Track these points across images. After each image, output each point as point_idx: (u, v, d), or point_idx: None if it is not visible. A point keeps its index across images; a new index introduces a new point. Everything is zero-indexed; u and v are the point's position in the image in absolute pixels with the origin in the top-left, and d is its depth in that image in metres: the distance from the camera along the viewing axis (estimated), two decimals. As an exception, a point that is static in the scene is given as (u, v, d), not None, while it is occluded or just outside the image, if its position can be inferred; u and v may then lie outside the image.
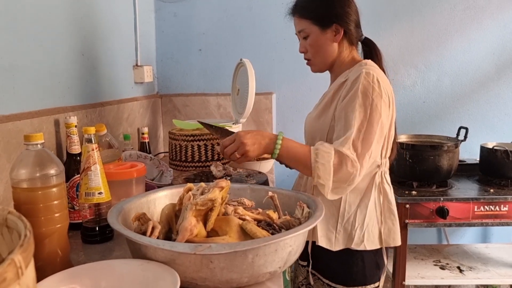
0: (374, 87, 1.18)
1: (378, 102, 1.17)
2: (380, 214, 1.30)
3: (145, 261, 0.81)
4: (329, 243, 1.29)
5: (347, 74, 1.29)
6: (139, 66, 2.17)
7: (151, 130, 2.31)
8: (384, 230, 1.30)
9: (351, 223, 1.27)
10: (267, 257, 0.81)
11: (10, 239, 0.54)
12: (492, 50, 2.56)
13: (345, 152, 1.14)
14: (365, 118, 1.17)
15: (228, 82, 2.26)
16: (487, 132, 2.60)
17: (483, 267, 2.24)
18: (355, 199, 1.28)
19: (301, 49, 1.38)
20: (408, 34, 2.54)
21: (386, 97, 1.19)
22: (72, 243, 1.12)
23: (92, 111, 1.58)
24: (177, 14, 2.56)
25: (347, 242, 1.28)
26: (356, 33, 1.33)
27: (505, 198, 2.02)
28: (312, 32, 1.32)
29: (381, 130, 1.19)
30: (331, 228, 1.29)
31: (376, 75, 1.20)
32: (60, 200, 0.86)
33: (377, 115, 1.17)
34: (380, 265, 1.33)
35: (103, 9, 1.76)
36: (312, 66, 1.39)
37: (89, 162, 1.09)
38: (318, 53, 1.34)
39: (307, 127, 1.41)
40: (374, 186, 1.28)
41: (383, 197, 1.30)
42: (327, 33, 1.30)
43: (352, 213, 1.28)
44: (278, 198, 1.04)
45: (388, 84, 1.25)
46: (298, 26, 1.36)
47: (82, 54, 1.57)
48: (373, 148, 1.17)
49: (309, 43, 1.34)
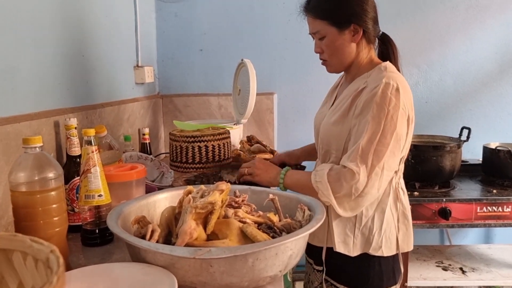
0: (391, 98, 1.14)
1: (394, 113, 1.14)
2: (397, 219, 1.28)
3: (144, 264, 0.80)
4: (347, 248, 1.26)
5: (366, 78, 1.24)
6: (140, 67, 2.16)
7: (152, 131, 2.31)
8: (400, 235, 1.28)
9: (369, 227, 1.25)
10: (267, 261, 0.80)
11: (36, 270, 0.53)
12: (495, 49, 2.54)
13: (345, 165, 1.13)
14: (378, 129, 1.13)
15: (229, 82, 2.25)
16: (490, 132, 2.59)
17: (486, 268, 2.23)
18: (373, 204, 1.25)
19: (317, 50, 1.31)
20: (410, 34, 2.53)
21: (404, 109, 1.16)
22: (72, 245, 1.11)
23: (92, 112, 1.58)
24: (178, 15, 2.55)
25: (365, 247, 1.26)
26: (374, 31, 1.28)
27: (508, 199, 2.01)
28: (329, 33, 1.25)
29: (396, 142, 1.15)
30: (348, 233, 1.26)
31: (397, 85, 1.16)
32: (59, 203, 0.85)
33: (391, 127, 1.14)
34: (397, 270, 1.31)
35: (103, 10, 1.75)
36: (329, 66, 1.33)
37: (88, 164, 1.08)
38: (336, 54, 1.28)
39: (322, 132, 1.33)
40: (391, 191, 1.26)
41: (399, 202, 1.28)
42: (345, 34, 1.24)
43: (370, 217, 1.25)
44: (279, 200, 1.03)
45: (408, 92, 1.20)
46: (313, 27, 1.29)
47: (82, 55, 1.56)
48: (386, 160, 1.14)
49: (326, 44, 1.27)
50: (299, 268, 2.65)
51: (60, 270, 0.47)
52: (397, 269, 1.31)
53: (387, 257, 1.28)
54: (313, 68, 1.37)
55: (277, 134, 2.63)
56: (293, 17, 1.33)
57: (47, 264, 0.52)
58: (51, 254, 0.52)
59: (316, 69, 1.41)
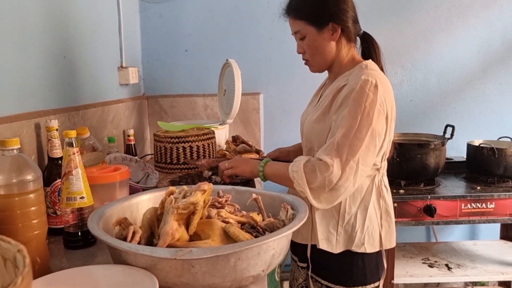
0: (369, 94, 1.16)
1: (371, 109, 1.15)
2: (379, 217, 1.29)
3: (125, 266, 0.79)
4: (330, 245, 1.28)
5: (347, 76, 1.26)
6: (124, 68, 2.15)
7: (138, 132, 2.29)
8: (383, 232, 1.30)
9: (352, 224, 1.27)
10: (249, 260, 0.80)
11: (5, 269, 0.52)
12: (478, 48, 2.58)
13: (320, 157, 1.14)
14: (354, 124, 1.15)
15: (215, 82, 2.25)
16: (474, 130, 2.62)
17: (471, 264, 2.25)
18: (355, 201, 1.27)
19: (299, 50, 1.34)
20: (394, 33, 2.55)
21: (382, 105, 1.17)
22: (54, 248, 1.10)
23: (75, 114, 1.56)
24: (162, 15, 2.54)
25: (348, 244, 1.27)
26: (354, 29, 1.30)
27: (492, 196, 2.03)
28: (309, 33, 1.28)
29: (372, 137, 1.16)
30: (331, 230, 1.28)
31: (375, 81, 1.17)
32: (37, 206, 0.84)
33: (367, 122, 1.15)
34: (380, 266, 1.33)
35: (85, 10, 1.74)
36: (311, 66, 1.36)
37: (70, 166, 1.07)
38: (317, 53, 1.31)
39: (305, 130, 1.37)
40: (374, 188, 1.27)
41: (382, 199, 1.29)
42: (324, 32, 1.27)
43: (353, 214, 1.27)
44: (262, 200, 1.03)
45: (388, 88, 1.22)
46: (293, 27, 1.32)
47: (64, 56, 1.54)
48: (362, 154, 1.15)
49: (307, 44, 1.30)
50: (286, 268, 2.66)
51: (25, 271, 0.46)
52: (381, 266, 1.33)
53: (370, 253, 1.29)
54: (299, 68, 1.37)
55: (264, 134, 2.63)
56: (278, 17, 1.35)
57: (14, 263, 0.51)
58: (18, 254, 0.51)
59: (302, 69, 1.42)
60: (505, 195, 2.04)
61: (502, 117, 2.64)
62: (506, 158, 2.15)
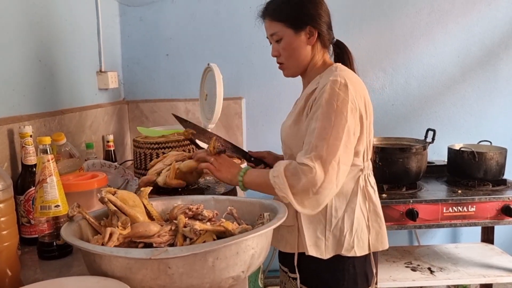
0: (339, 93, 1.16)
1: (343, 108, 1.15)
2: (367, 219, 1.27)
3: (99, 278, 0.77)
4: (319, 251, 1.25)
5: (318, 79, 1.26)
6: (103, 72, 2.11)
7: (118, 138, 2.25)
8: (372, 234, 1.28)
9: (340, 228, 1.24)
10: (228, 260, 0.79)
11: None
12: (457, 53, 2.61)
13: (300, 161, 1.12)
14: (329, 125, 1.14)
15: (197, 87, 2.22)
16: (454, 133, 2.65)
17: (453, 267, 2.27)
18: (341, 204, 1.25)
19: (274, 53, 1.33)
20: (375, 38, 2.57)
21: (354, 103, 1.17)
22: (28, 259, 1.07)
23: (51, 119, 1.51)
24: (143, 19, 2.51)
25: (337, 249, 1.25)
26: (328, 35, 1.30)
27: (473, 199, 2.05)
28: (285, 35, 1.27)
29: (348, 136, 1.15)
30: (319, 235, 1.25)
31: (345, 81, 1.17)
32: (8, 216, 0.81)
33: (342, 121, 1.14)
34: (370, 272, 1.31)
35: (62, 13, 1.70)
36: (285, 70, 1.35)
37: (44, 174, 1.03)
38: (292, 56, 1.30)
39: (283, 136, 1.36)
40: (359, 190, 1.26)
41: (368, 200, 1.28)
42: (301, 35, 1.27)
43: (340, 218, 1.24)
44: (242, 207, 1.02)
45: (359, 86, 1.22)
46: (269, 29, 1.31)
47: (39, 60, 1.50)
48: (341, 154, 1.14)
49: (283, 47, 1.29)
50: (270, 273, 2.64)
51: None
52: (370, 271, 1.31)
53: (360, 259, 1.27)
54: (281, 72, 1.36)
55: (246, 138, 2.61)
56: (259, 21, 1.34)
57: None
58: None
59: (284, 73, 1.41)
60: (486, 198, 2.06)
61: (481, 121, 2.67)
62: (486, 162, 2.18)
